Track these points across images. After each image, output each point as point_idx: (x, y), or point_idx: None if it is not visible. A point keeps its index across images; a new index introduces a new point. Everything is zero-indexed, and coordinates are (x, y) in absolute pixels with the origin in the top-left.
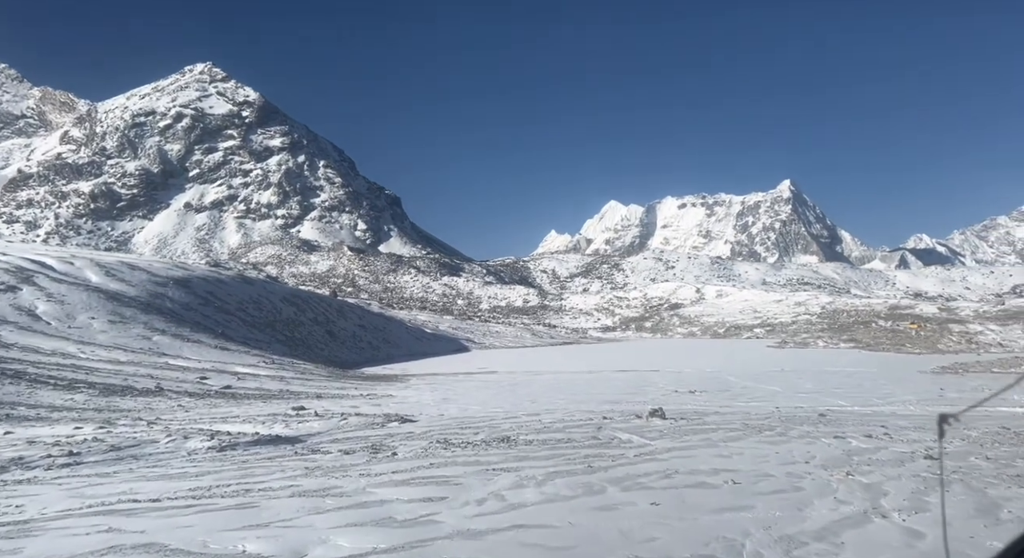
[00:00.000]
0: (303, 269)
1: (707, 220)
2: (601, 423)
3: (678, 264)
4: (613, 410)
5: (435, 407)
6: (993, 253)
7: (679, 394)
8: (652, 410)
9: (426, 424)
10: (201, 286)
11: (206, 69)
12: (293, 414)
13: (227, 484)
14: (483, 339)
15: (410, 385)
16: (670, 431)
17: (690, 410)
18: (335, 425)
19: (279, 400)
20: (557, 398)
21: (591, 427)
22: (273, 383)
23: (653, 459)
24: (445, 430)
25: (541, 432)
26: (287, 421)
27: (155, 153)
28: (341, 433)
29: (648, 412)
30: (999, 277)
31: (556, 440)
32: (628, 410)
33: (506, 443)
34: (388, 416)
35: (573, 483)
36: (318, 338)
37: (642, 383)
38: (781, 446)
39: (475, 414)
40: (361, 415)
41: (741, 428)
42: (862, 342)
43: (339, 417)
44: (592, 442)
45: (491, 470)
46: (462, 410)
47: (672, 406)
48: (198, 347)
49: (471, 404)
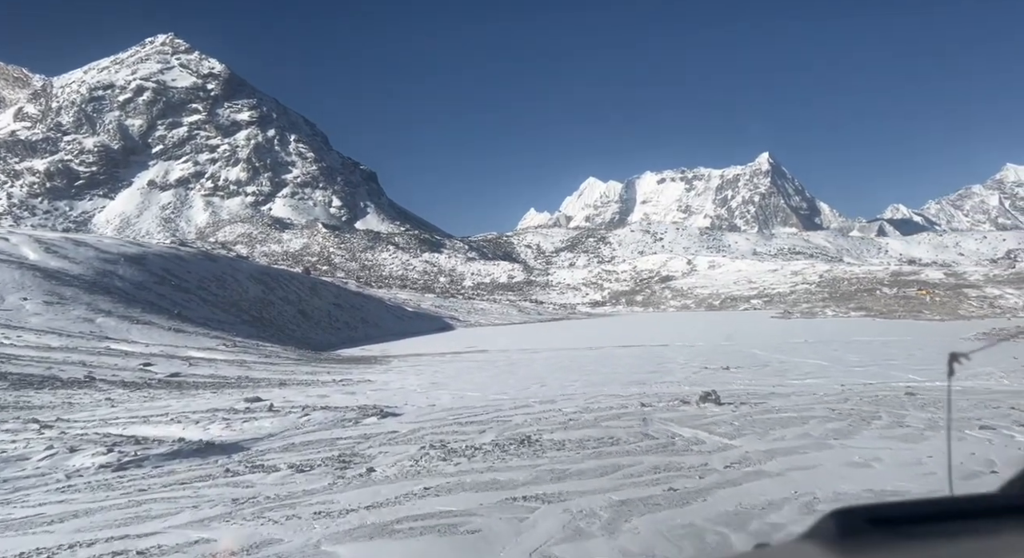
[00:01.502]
0: (275, 248)
1: (686, 195)
2: (642, 412)
3: (666, 236)
4: (645, 393)
5: (423, 394)
6: (968, 222)
7: (711, 371)
8: (704, 393)
9: (413, 418)
10: (157, 263)
11: (168, 40)
12: (242, 409)
13: (91, 539)
14: (468, 317)
15: (391, 368)
16: (742, 423)
17: (742, 391)
18: (293, 423)
19: (234, 389)
20: (569, 380)
21: (632, 418)
22: (231, 369)
23: (758, 472)
24: (439, 427)
25: (568, 427)
26: (231, 419)
27: (115, 129)
28: (300, 435)
29: (699, 396)
30: (992, 242)
31: (595, 440)
32: (663, 393)
33: (527, 447)
34: (364, 409)
35: (663, 526)
36: (289, 318)
37: (658, 360)
38: (920, 444)
39: (474, 403)
40: (329, 408)
41: (835, 416)
42: (873, 310)
43: (300, 411)
44: (648, 443)
45: (521, 500)
46: (457, 398)
47: (716, 387)
48: (149, 329)
49: (467, 389)
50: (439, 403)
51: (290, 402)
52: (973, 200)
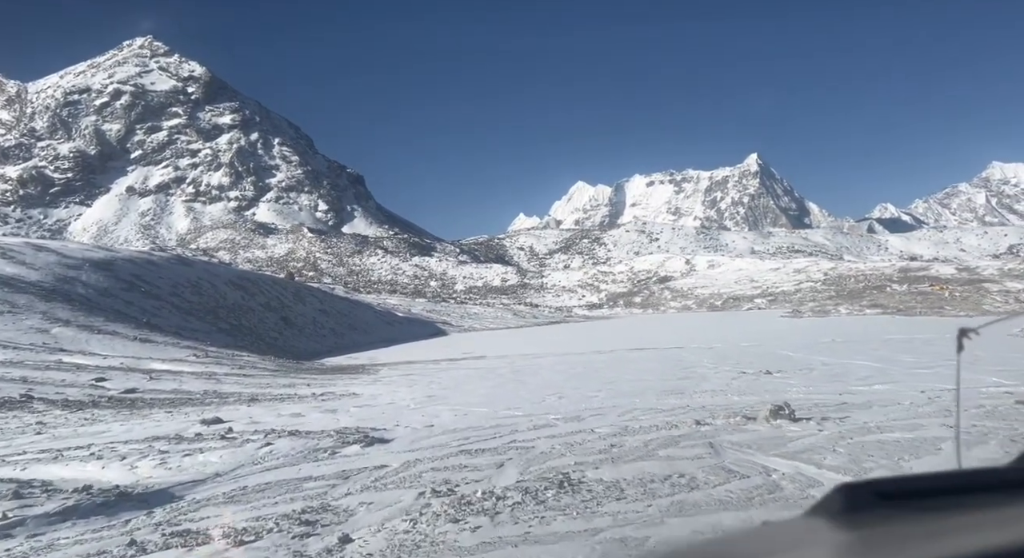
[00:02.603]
0: (259, 253)
1: (676, 197)
2: (700, 434)
3: (662, 235)
4: (689, 406)
5: (417, 411)
6: (956, 220)
7: (751, 377)
8: (774, 407)
9: (407, 445)
10: (126, 269)
11: (146, 43)
12: (191, 436)
13: None
14: (461, 321)
15: (380, 378)
16: (846, 448)
17: (807, 402)
18: (250, 456)
19: (194, 407)
20: (589, 390)
21: (694, 444)
22: (198, 382)
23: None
24: (442, 460)
25: (616, 458)
26: (170, 452)
27: (91, 134)
28: (255, 475)
29: (768, 411)
30: (993, 237)
31: (661, 480)
32: (712, 405)
33: (570, 492)
34: (345, 433)
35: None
36: (270, 326)
37: (681, 364)
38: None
39: (482, 422)
40: (301, 434)
41: (967, 437)
42: (889, 307)
43: (262, 439)
44: (740, 485)
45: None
46: (460, 415)
47: (768, 396)
48: (111, 340)
49: (470, 404)
50: (438, 422)
51: (256, 424)
52: (960, 198)
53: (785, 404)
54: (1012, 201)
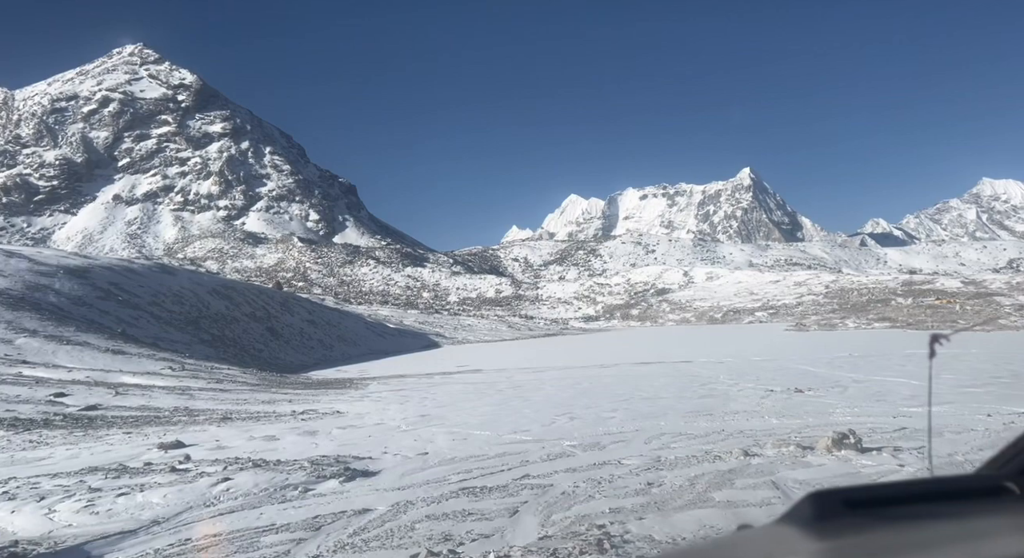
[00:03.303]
0: (248, 263)
1: (669, 210)
2: (754, 468)
3: (658, 247)
4: (724, 431)
5: (409, 434)
6: (947, 235)
7: (782, 395)
8: (838, 435)
9: (396, 481)
10: (103, 276)
11: (136, 50)
12: (139, 466)
13: None
14: (454, 333)
15: (369, 393)
16: None
17: (868, 429)
18: (201, 496)
19: (157, 427)
20: (603, 409)
21: (753, 483)
22: (168, 398)
23: None
24: (439, 503)
25: (661, 504)
26: (103, 490)
27: (78, 141)
28: (200, 525)
29: (830, 440)
30: (993, 252)
31: None
32: (752, 430)
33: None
34: (321, 463)
35: None
36: (256, 337)
37: (698, 380)
38: None
39: (485, 449)
40: (267, 466)
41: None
42: (898, 321)
43: (221, 471)
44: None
45: None
46: (458, 439)
47: (809, 418)
48: (81, 351)
49: (469, 425)
50: (433, 449)
51: (221, 449)
52: (951, 214)
53: (850, 432)
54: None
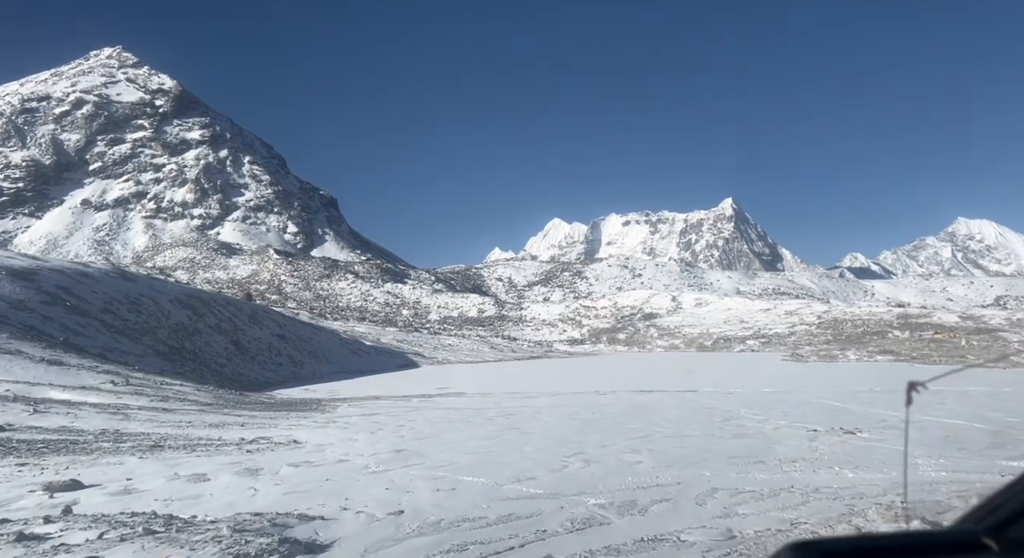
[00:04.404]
0: (220, 274)
1: (651, 237)
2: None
3: (645, 271)
4: (793, 487)
5: (379, 478)
6: (923, 272)
7: (833, 437)
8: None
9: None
10: (51, 280)
11: (115, 53)
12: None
13: None
14: (434, 353)
15: (336, 418)
16: None
17: (982, 491)
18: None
19: (64, 457)
20: (621, 449)
21: None
22: (98, 418)
23: None
24: None
25: None
26: None
27: (48, 142)
28: None
29: None
30: (980, 288)
31: None
32: (827, 486)
33: None
34: (246, 529)
35: None
36: (219, 350)
37: (714, 413)
38: None
39: (482, 510)
40: (168, 531)
41: None
42: (902, 355)
43: (92, 541)
44: None
45: None
46: (442, 489)
47: (899, 476)
48: (11, 360)
49: (458, 466)
50: (411, 505)
51: (126, 495)
52: (927, 251)
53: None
54: (977, 256)
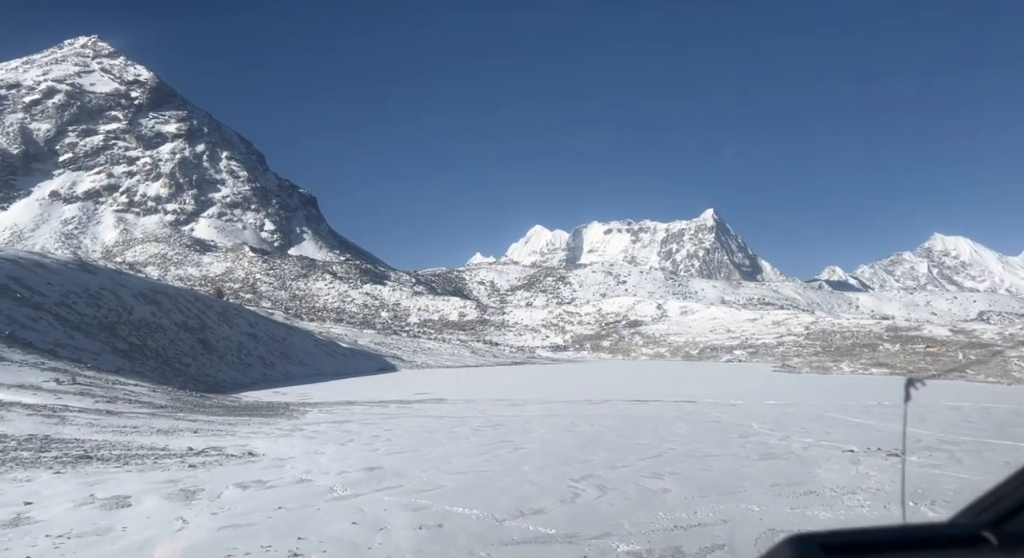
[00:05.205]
0: (193, 271)
1: (632, 246)
2: None
3: (629, 278)
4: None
5: (344, 507)
6: (900, 286)
7: (874, 459)
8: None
9: None
10: (2, 269)
11: (90, 43)
12: None
13: None
14: (413, 357)
15: (304, 425)
16: None
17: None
18: None
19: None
20: (639, 472)
21: None
22: (28, 422)
23: None
24: None
25: None
26: None
27: (16, 131)
28: None
29: None
30: (963, 303)
31: None
32: None
33: None
34: None
35: None
36: (184, 348)
37: (726, 428)
38: None
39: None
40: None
41: None
42: (897, 367)
43: None
44: None
45: None
46: (426, 525)
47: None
48: None
49: (443, 493)
50: (384, 552)
51: (12, 528)
52: (904, 266)
53: None
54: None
